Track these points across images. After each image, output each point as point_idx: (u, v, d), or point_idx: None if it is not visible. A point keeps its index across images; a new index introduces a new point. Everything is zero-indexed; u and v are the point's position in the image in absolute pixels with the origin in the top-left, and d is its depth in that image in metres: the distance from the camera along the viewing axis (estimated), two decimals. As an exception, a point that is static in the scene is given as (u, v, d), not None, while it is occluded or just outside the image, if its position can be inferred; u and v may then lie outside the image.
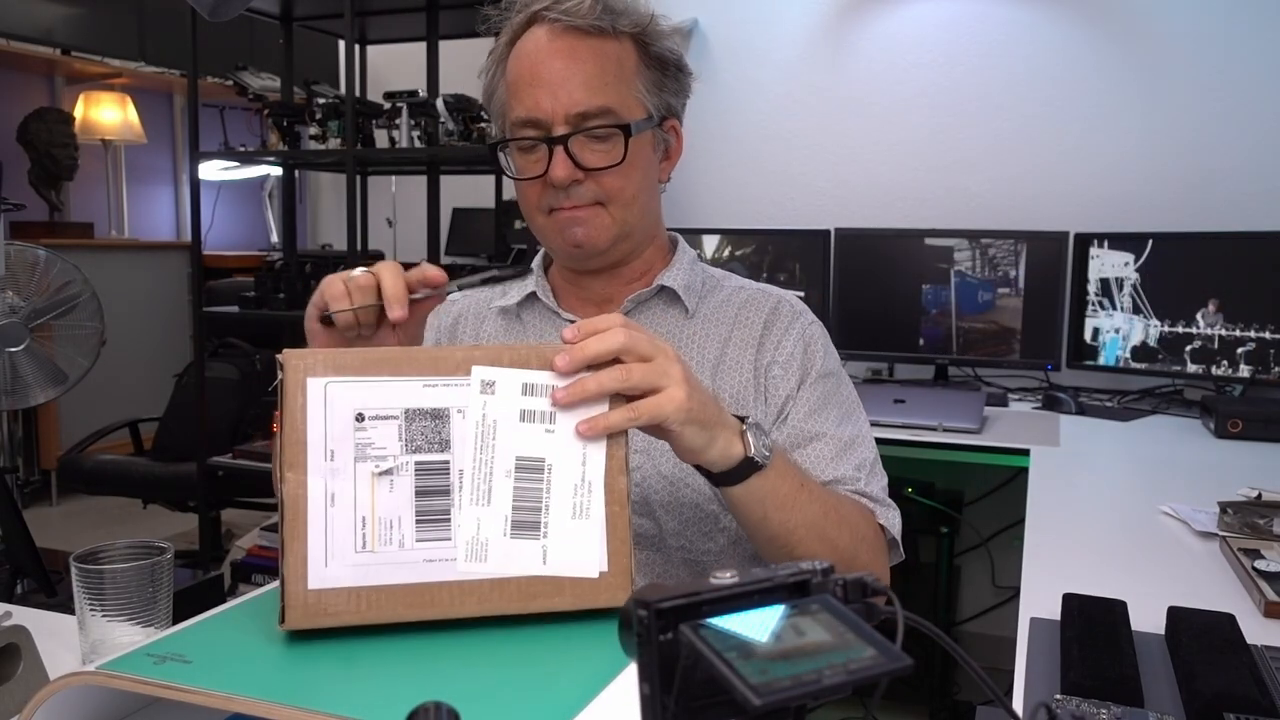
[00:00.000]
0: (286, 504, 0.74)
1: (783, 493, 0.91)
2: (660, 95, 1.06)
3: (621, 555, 0.74)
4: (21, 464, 4.20)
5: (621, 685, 0.63)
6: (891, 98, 2.77)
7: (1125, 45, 2.57)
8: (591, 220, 1.04)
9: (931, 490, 2.51)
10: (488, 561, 0.75)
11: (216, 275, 3.94)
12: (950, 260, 2.52)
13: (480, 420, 0.75)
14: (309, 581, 0.73)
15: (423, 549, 0.75)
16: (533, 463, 0.75)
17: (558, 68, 1.01)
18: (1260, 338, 2.22)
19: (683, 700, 0.41)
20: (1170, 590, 1.09)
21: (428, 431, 0.75)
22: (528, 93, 1.01)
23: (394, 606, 0.74)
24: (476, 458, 0.75)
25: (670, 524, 1.06)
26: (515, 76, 1.03)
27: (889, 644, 0.40)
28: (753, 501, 0.89)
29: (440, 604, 0.74)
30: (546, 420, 0.75)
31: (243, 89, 2.96)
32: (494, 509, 0.75)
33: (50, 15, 4.51)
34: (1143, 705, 0.78)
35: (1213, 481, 1.65)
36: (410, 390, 0.75)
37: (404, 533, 0.75)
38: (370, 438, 0.75)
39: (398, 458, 0.75)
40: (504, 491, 0.75)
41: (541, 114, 1.01)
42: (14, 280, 1.73)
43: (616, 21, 1.02)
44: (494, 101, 1.08)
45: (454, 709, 0.46)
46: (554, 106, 1.00)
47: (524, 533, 0.75)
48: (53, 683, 0.65)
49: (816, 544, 0.94)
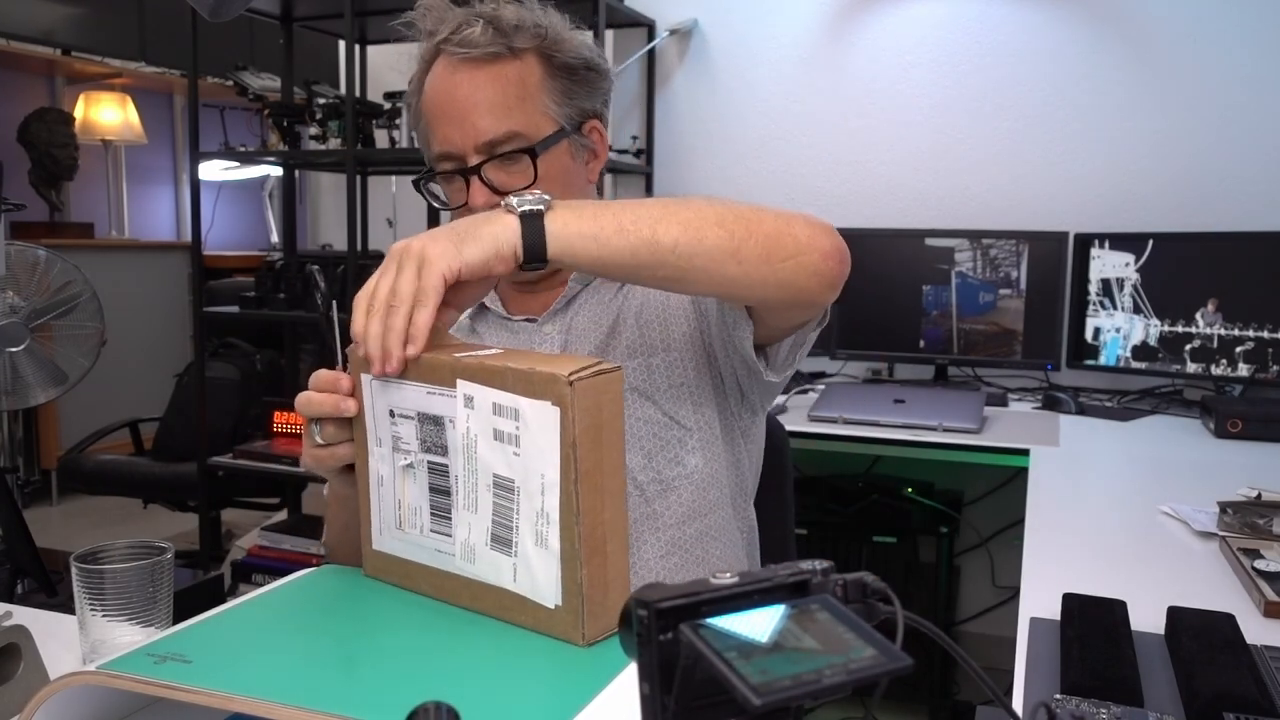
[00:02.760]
0: (360, 477, 0.87)
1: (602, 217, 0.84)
2: (571, 102, 1.07)
3: (573, 595, 0.72)
4: (22, 464, 4.20)
5: (621, 685, 0.64)
6: (891, 98, 2.77)
7: (1126, 45, 2.57)
8: None
9: (931, 490, 2.51)
10: (475, 564, 0.79)
11: (217, 275, 3.94)
12: (951, 261, 2.52)
13: (465, 433, 0.77)
14: (373, 543, 0.86)
15: (434, 539, 0.82)
16: (505, 482, 0.76)
17: (460, 99, 1.02)
18: (1259, 337, 2.22)
19: (683, 700, 0.41)
20: (1170, 590, 1.09)
21: (433, 435, 0.80)
22: (438, 127, 1.04)
23: (420, 582, 0.83)
24: (465, 466, 0.78)
25: (635, 460, 1.07)
26: (428, 111, 1.06)
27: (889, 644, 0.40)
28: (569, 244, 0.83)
29: (448, 591, 0.81)
30: (513, 444, 0.74)
31: (243, 89, 2.96)
32: (479, 517, 0.78)
33: (50, 15, 4.51)
34: (1142, 705, 0.78)
35: (1213, 481, 1.65)
36: (419, 396, 0.80)
37: (423, 521, 0.82)
38: (400, 433, 0.82)
39: (416, 455, 0.81)
40: (486, 503, 0.77)
41: (453, 147, 1.03)
42: (14, 280, 1.73)
43: (512, 41, 1.02)
44: (419, 133, 1.10)
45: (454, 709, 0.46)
46: (463, 139, 1.02)
47: (500, 547, 0.77)
48: (53, 683, 0.65)
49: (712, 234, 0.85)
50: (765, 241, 0.88)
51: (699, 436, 1.08)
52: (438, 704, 0.47)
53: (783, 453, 1.38)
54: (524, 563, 0.75)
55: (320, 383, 0.86)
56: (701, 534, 1.08)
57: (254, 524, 3.07)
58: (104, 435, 3.43)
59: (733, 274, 0.87)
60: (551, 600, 0.73)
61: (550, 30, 1.05)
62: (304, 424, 0.89)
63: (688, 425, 1.08)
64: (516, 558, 0.76)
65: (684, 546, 1.07)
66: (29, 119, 4.48)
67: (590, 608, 0.72)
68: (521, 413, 0.73)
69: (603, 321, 1.11)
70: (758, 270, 0.88)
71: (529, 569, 0.75)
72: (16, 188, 4.31)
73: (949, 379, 2.61)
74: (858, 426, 2.14)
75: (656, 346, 1.09)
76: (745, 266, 0.87)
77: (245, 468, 2.73)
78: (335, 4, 2.56)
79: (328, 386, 0.86)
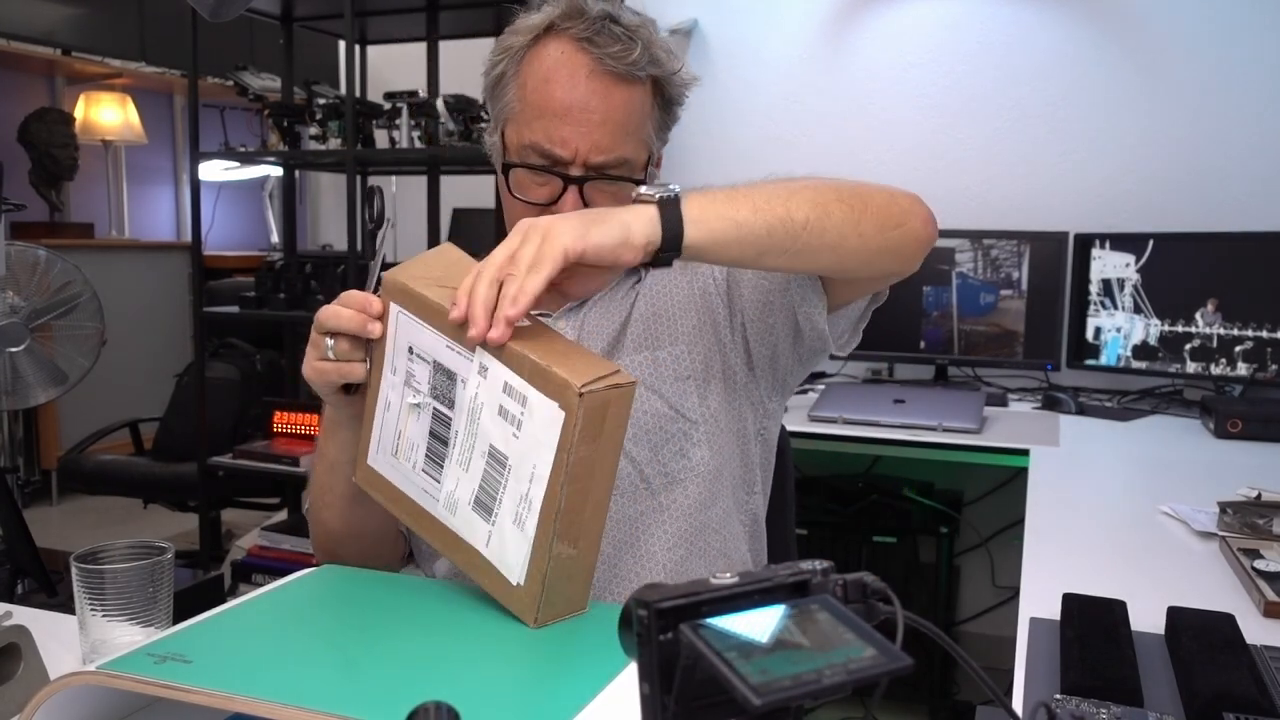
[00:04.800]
0: (368, 389, 0.88)
1: (735, 202, 0.85)
2: (662, 134, 1.07)
3: (535, 581, 0.75)
4: (22, 464, 4.20)
5: (621, 685, 0.64)
6: (891, 97, 2.77)
7: (1126, 45, 2.57)
8: None
9: (931, 490, 2.51)
10: (454, 517, 0.82)
11: (217, 275, 3.94)
12: (951, 262, 2.52)
13: (473, 398, 0.79)
14: (368, 457, 0.89)
15: (422, 479, 0.85)
16: (499, 456, 0.78)
17: (592, 108, 0.98)
18: (1258, 336, 2.22)
19: (683, 700, 0.41)
20: (1170, 590, 1.09)
21: (444, 386, 0.82)
22: (553, 123, 0.99)
23: (402, 510, 0.87)
24: (467, 427, 0.80)
25: (642, 454, 1.07)
26: (539, 97, 0.99)
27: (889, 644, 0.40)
28: (707, 229, 0.83)
29: (425, 527, 0.85)
30: (515, 425, 0.76)
31: (243, 89, 2.96)
32: (469, 477, 0.80)
33: (50, 15, 4.51)
34: (1142, 705, 0.78)
35: (1212, 481, 1.65)
36: (439, 345, 0.82)
37: (417, 458, 0.85)
38: (414, 370, 0.85)
39: (425, 398, 0.84)
40: (478, 468, 0.80)
41: (563, 150, 0.99)
42: (14, 280, 1.73)
43: (654, 69, 1.01)
44: (501, 100, 1.04)
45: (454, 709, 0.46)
46: (578, 147, 0.99)
47: (481, 511, 0.80)
48: (53, 683, 0.65)
49: (809, 208, 0.87)
50: (879, 213, 0.92)
51: (705, 429, 1.09)
52: (438, 704, 0.47)
53: (783, 452, 1.38)
54: (499, 534, 0.78)
55: (351, 300, 0.88)
56: (706, 526, 1.09)
57: (254, 524, 3.07)
58: (104, 435, 3.43)
59: (854, 246, 0.91)
60: (515, 578, 0.76)
61: (673, 61, 1.04)
62: (316, 337, 0.89)
63: (693, 418, 1.08)
64: (493, 527, 0.78)
65: (689, 539, 1.07)
66: (29, 119, 4.48)
67: (549, 595, 0.76)
68: (529, 401, 0.75)
69: (614, 321, 1.11)
70: (874, 240, 0.92)
71: (502, 541, 0.78)
72: (16, 188, 4.31)
73: (949, 379, 2.61)
74: (858, 426, 2.14)
75: (663, 340, 1.09)
76: (864, 239, 0.91)
77: (245, 468, 2.73)
78: (335, 4, 2.56)
79: (357, 305, 0.87)
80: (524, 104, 1.01)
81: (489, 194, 3.32)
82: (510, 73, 1.03)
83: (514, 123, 1.03)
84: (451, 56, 3.02)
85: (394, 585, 0.88)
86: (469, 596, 0.81)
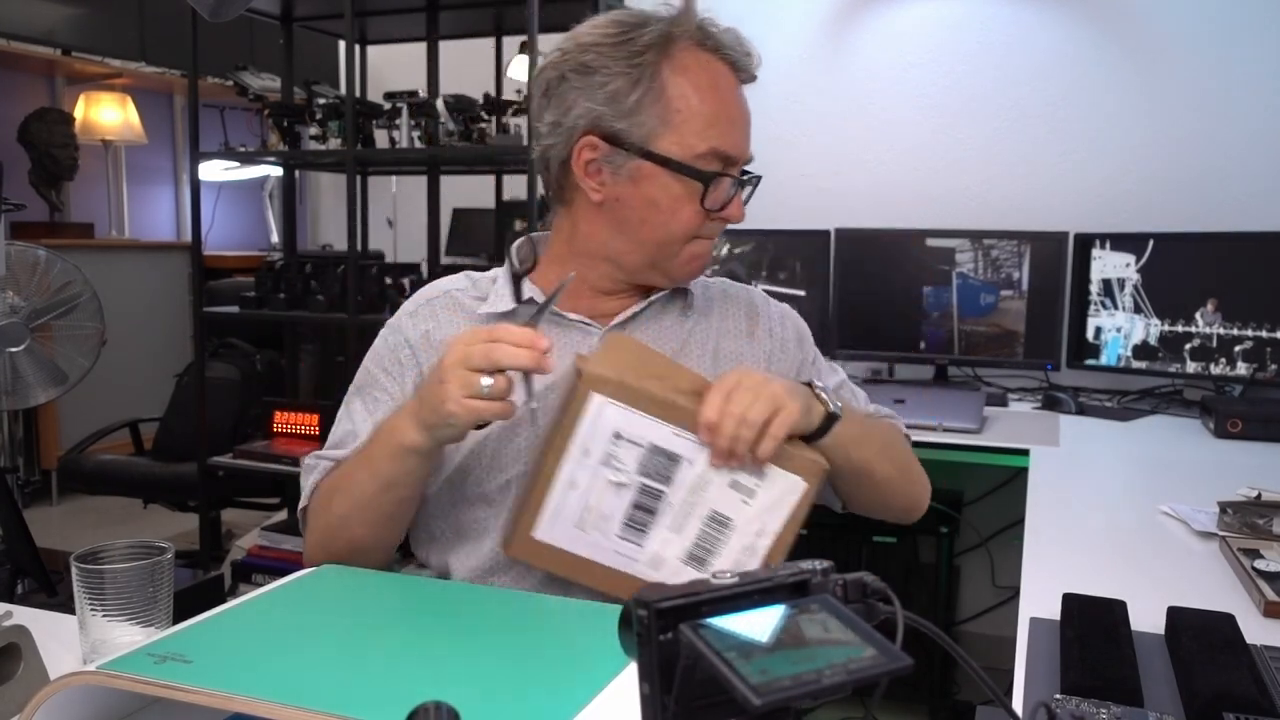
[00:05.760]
0: (541, 470, 0.93)
1: (856, 431, 1.05)
2: None
3: None
4: (22, 464, 4.20)
5: (621, 685, 0.64)
6: (892, 97, 2.77)
7: (1126, 45, 2.57)
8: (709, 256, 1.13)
9: (931, 490, 2.51)
10: (658, 571, 0.94)
11: (217, 275, 3.94)
12: (952, 262, 2.52)
13: (701, 474, 0.92)
14: (535, 531, 0.94)
15: (618, 544, 0.94)
16: (722, 519, 0.93)
17: (746, 115, 1.08)
18: (1257, 336, 2.22)
19: (683, 700, 0.41)
20: (1170, 590, 1.09)
21: (661, 467, 0.93)
22: (729, 129, 1.05)
23: (579, 573, 0.95)
24: (687, 499, 0.93)
25: None
26: (709, 106, 1.04)
27: (889, 644, 0.40)
28: (838, 446, 1.02)
29: (608, 583, 0.94)
30: (747, 495, 0.93)
31: (243, 89, 2.96)
32: (681, 538, 0.94)
33: (50, 15, 4.51)
34: (1142, 705, 0.78)
35: (1213, 481, 1.65)
36: (663, 433, 0.92)
37: (611, 528, 0.94)
38: (617, 453, 0.92)
39: (631, 476, 0.92)
40: (694, 529, 0.93)
41: (739, 154, 1.07)
42: (14, 280, 1.73)
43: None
44: (643, 105, 1.03)
45: (454, 709, 0.46)
46: (744, 151, 1.08)
47: (695, 565, 0.94)
48: (53, 683, 0.65)
49: (889, 466, 1.13)
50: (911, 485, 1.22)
51: None
52: (438, 704, 0.47)
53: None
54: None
55: (517, 337, 0.88)
56: None
57: (254, 524, 3.07)
58: (104, 435, 3.43)
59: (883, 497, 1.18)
60: None
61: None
62: (465, 374, 0.88)
63: None
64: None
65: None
66: (29, 119, 4.48)
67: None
68: (767, 474, 0.93)
69: (668, 343, 1.12)
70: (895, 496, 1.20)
71: None
72: (16, 188, 4.30)
73: (949, 379, 2.61)
74: (858, 426, 2.14)
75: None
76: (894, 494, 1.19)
77: (245, 468, 2.73)
78: (335, 4, 2.56)
79: (526, 342, 0.88)
80: (688, 113, 1.03)
81: (489, 194, 3.32)
82: (647, 83, 1.02)
83: (675, 131, 1.03)
84: (451, 56, 3.02)
85: (394, 585, 0.89)
86: (469, 596, 0.81)
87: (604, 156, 1.04)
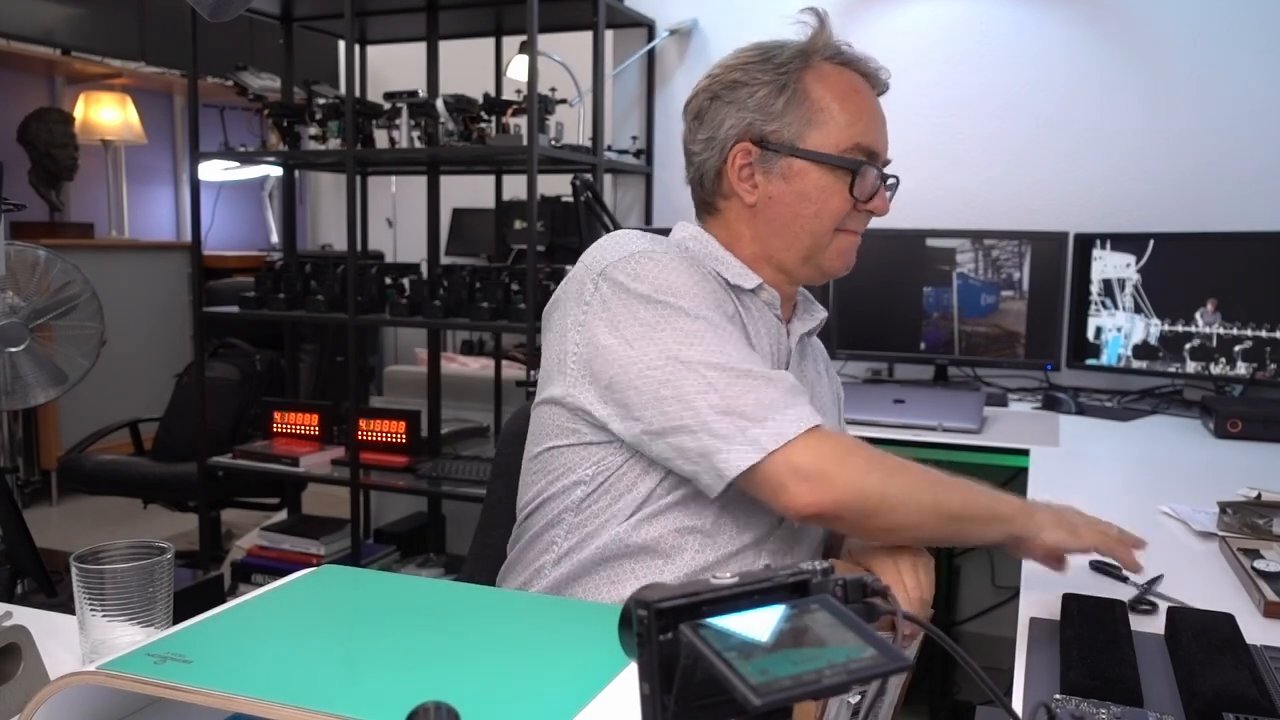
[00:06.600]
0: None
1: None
2: None
3: None
4: (21, 464, 4.20)
5: (621, 685, 0.64)
6: (891, 97, 2.76)
7: (1126, 45, 2.57)
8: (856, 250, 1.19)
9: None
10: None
11: (216, 275, 3.94)
12: (952, 262, 2.52)
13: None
14: None
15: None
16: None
17: (883, 115, 1.18)
18: (1257, 336, 2.22)
19: (683, 700, 0.41)
20: (1170, 590, 1.09)
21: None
22: (871, 125, 1.14)
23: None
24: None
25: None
26: (855, 105, 1.13)
27: (889, 644, 0.40)
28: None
29: None
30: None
31: (243, 89, 2.96)
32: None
33: (50, 15, 4.51)
34: (1142, 705, 0.78)
35: (1212, 481, 1.65)
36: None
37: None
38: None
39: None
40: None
41: (881, 150, 1.15)
42: (14, 280, 1.73)
43: None
44: (790, 108, 1.12)
45: (454, 709, 0.46)
46: (886, 149, 1.17)
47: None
48: (53, 683, 0.65)
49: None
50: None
51: None
52: (438, 704, 0.47)
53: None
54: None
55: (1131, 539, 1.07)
56: None
57: (254, 524, 3.07)
58: (104, 435, 3.43)
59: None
60: None
61: None
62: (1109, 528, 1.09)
63: None
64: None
65: None
66: (29, 119, 4.48)
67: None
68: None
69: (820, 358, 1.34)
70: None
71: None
72: (16, 188, 4.31)
73: (949, 378, 2.61)
74: (857, 426, 2.14)
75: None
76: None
77: (245, 468, 2.73)
78: (335, 4, 2.57)
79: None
80: (831, 112, 1.12)
81: (489, 194, 3.32)
82: (792, 88, 1.13)
83: (820, 130, 1.12)
84: (451, 56, 3.02)
85: (394, 585, 0.88)
86: (469, 596, 0.81)
87: (756, 160, 1.13)
